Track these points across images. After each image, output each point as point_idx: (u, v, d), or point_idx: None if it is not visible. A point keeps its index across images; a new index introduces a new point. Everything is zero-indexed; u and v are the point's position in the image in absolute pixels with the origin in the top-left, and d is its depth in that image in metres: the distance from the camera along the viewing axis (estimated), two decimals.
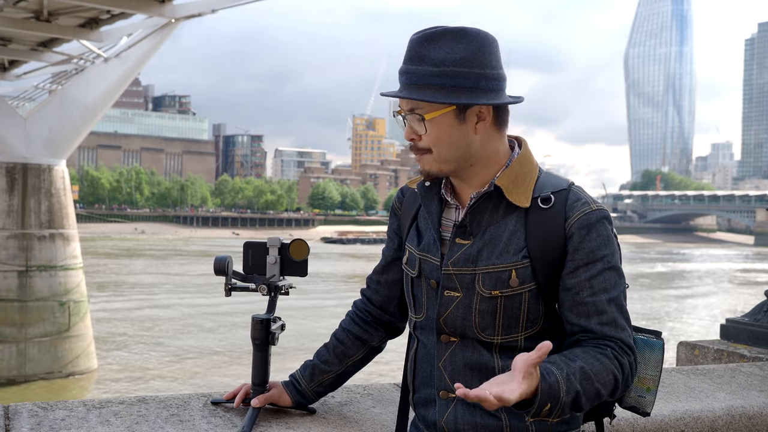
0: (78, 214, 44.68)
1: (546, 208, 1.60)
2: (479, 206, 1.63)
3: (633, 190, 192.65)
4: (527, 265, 1.59)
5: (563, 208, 1.60)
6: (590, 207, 1.60)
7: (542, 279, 1.60)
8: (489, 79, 1.56)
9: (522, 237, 1.60)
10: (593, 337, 1.56)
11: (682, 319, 32.70)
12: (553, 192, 1.62)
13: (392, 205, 1.88)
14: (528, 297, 1.61)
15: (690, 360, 3.52)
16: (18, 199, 19.69)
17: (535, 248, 1.59)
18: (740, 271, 66.18)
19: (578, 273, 1.58)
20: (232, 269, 1.86)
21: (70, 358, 19.86)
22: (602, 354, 1.51)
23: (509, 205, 1.62)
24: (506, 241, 1.60)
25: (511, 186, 1.61)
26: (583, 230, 1.58)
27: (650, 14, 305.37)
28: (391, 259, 1.87)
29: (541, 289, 1.61)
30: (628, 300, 1.65)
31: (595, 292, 1.57)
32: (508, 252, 1.60)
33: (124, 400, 1.97)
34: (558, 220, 1.59)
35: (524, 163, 1.65)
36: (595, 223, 1.59)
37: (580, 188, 1.64)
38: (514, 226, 1.61)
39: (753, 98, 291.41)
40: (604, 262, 1.58)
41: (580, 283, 1.58)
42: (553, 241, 1.59)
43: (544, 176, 1.66)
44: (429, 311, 1.70)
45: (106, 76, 20.84)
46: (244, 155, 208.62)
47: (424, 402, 1.73)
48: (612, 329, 1.56)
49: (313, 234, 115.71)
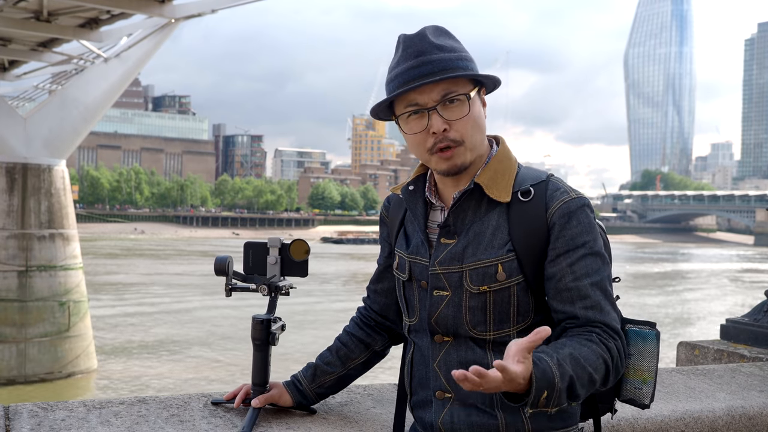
0: (78, 214, 44.69)
1: (526, 200, 1.62)
2: (462, 205, 1.64)
3: (633, 190, 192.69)
4: (513, 258, 1.60)
5: (543, 199, 1.61)
6: (569, 195, 1.61)
7: (529, 271, 1.61)
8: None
9: (505, 231, 1.61)
10: (578, 323, 1.56)
11: (682, 319, 32.70)
12: (532, 184, 1.63)
13: (380, 215, 1.89)
14: (516, 290, 1.61)
15: (690, 360, 3.52)
16: (18, 199, 19.68)
17: (519, 241, 1.60)
18: (740, 270, 66.17)
19: (559, 260, 1.59)
20: (233, 269, 1.86)
21: (69, 358, 19.85)
22: (588, 340, 1.51)
23: (491, 202, 1.64)
24: (490, 236, 1.62)
25: (490, 182, 1.63)
26: (563, 218, 1.59)
27: (650, 14, 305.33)
28: (384, 267, 1.89)
29: (528, 281, 1.62)
30: (627, 300, 1.65)
31: (577, 278, 1.57)
32: (492, 247, 1.61)
33: (125, 401, 1.97)
34: (539, 211, 1.60)
35: (503, 160, 1.67)
36: (575, 211, 1.60)
37: (558, 179, 1.66)
38: (497, 221, 1.62)
39: (753, 98, 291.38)
40: (586, 248, 1.59)
41: (562, 270, 1.58)
42: (536, 232, 1.60)
43: (523, 170, 1.68)
44: (421, 312, 1.71)
45: (106, 77, 20.85)
46: (244, 155, 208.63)
47: (421, 404, 1.73)
48: (596, 313, 1.56)
49: (312, 234, 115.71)
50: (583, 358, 1.46)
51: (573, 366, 1.43)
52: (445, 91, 1.58)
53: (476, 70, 1.62)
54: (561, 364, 1.41)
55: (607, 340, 1.53)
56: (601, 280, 1.59)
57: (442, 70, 1.56)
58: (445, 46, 1.59)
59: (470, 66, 1.60)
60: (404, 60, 1.59)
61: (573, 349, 1.46)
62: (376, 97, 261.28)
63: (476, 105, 1.61)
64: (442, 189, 1.71)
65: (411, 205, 1.73)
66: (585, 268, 1.58)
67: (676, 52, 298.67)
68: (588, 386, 1.47)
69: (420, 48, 1.58)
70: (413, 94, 1.59)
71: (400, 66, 1.60)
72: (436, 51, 1.57)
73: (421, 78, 1.56)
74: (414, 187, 1.74)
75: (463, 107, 1.59)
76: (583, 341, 1.50)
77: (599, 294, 1.57)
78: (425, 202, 1.73)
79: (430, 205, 1.73)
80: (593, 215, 1.63)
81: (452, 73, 1.56)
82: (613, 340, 1.54)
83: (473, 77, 1.61)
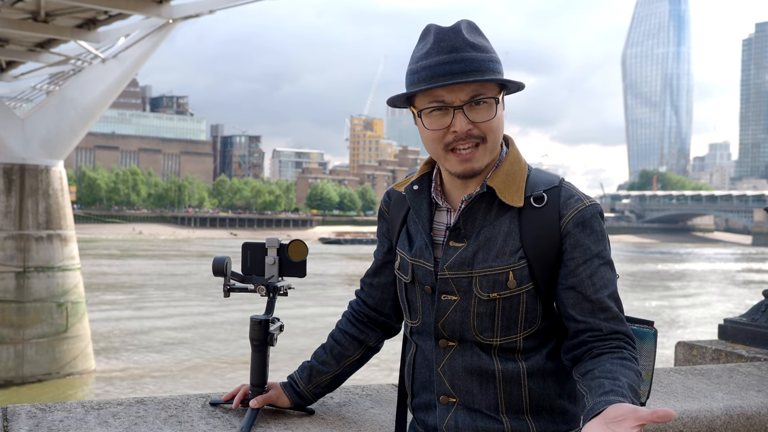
0: (75, 215, 44.61)
1: (539, 206, 1.60)
2: (472, 207, 1.62)
3: (631, 190, 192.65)
4: (524, 266, 1.59)
5: (557, 206, 1.59)
6: (583, 203, 1.60)
7: (540, 279, 1.60)
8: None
9: (517, 237, 1.59)
10: (601, 336, 1.56)
11: (680, 319, 32.72)
12: (545, 190, 1.61)
13: (380, 209, 1.87)
14: (526, 297, 1.60)
15: (688, 360, 3.53)
16: (15, 199, 19.65)
17: (531, 248, 1.58)
18: (738, 271, 66.20)
19: (579, 271, 1.58)
20: (231, 270, 1.85)
21: (67, 359, 19.83)
22: (625, 359, 1.52)
23: (502, 206, 1.61)
24: (502, 242, 1.59)
25: (503, 186, 1.60)
26: (578, 227, 1.58)
27: (648, 14, 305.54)
28: (382, 262, 1.86)
29: (539, 288, 1.60)
30: (625, 299, 1.66)
31: (597, 289, 1.57)
32: (504, 254, 1.59)
33: (123, 402, 1.96)
34: (552, 218, 1.59)
35: (514, 162, 1.65)
36: (590, 219, 1.59)
37: (570, 184, 1.64)
38: (508, 226, 1.60)
39: (750, 98, 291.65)
40: (600, 258, 1.59)
41: (582, 281, 1.57)
42: (549, 239, 1.58)
43: (534, 174, 1.65)
44: (425, 316, 1.69)
45: (104, 77, 20.81)
46: (242, 156, 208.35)
47: (423, 407, 1.72)
48: (618, 324, 1.57)
49: (310, 234, 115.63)
50: (635, 383, 1.47)
51: (632, 398, 1.42)
52: (474, 92, 1.54)
53: (503, 72, 1.58)
54: (633, 402, 1.40)
55: (634, 352, 1.55)
56: (615, 290, 1.60)
57: (474, 70, 1.52)
58: (478, 45, 1.54)
59: (500, 69, 1.57)
60: (435, 53, 1.54)
61: (625, 376, 1.46)
62: (374, 98, 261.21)
63: (501, 109, 1.58)
64: (449, 190, 1.68)
65: (415, 205, 1.70)
66: (602, 279, 1.58)
67: (674, 52, 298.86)
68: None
69: (454, 44, 1.53)
70: (440, 90, 1.54)
71: (430, 58, 1.54)
72: (470, 49, 1.53)
73: (452, 76, 1.51)
74: (419, 186, 1.70)
75: (490, 110, 1.56)
76: (625, 362, 1.51)
77: (615, 305, 1.58)
78: (430, 203, 1.69)
79: (435, 206, 1.70)
80: (604, 221, 1.63)
81: (484, 76, 1.53)
82: (635, 350, 1.57)
83: (504, 82, 1.57)
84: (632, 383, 1.45)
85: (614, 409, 1.32)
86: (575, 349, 1.58)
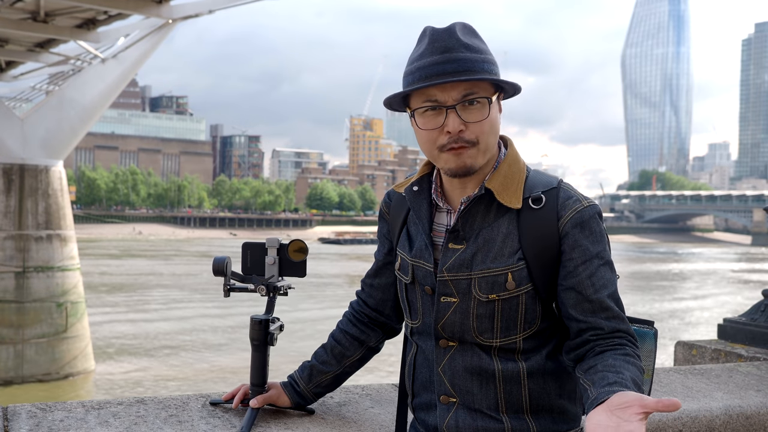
0: (75, 215, 44.61)
1: (537, 208, 1.60)
2: (471, 209, 1.62)
3: (630, 190, 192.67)
4: (523, 267, 1.59)
5: (555, 207, 1.59)
6: (582, 204, 1.60)
7: (538, 280, 1.60)
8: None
9: (516, 239, 1.59)
10: (603, 334, 1.56)
11: (680, 319, 32.73)
12: (543, 191, 1.61)
13: (380, 210, 1.87)
14: (525, 299, 1.60)
15: (687, 360, 3.53)
16: (15, 200, 19.65)
17: (529, 249, 1.59)
18: (738, 270, 66.23)
19: (578, 271, 1.58)
20: (231, 270, 1.86)
21: (67, 359, 19.82)
22: (628, 355, 1.52)
23: (500, 207, 1.61)
24: (500, 244, 1.60)
25: (501, 188, 1.61)
26: (576, 228, 1.58)
27: (647, 14, 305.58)
28: (383, 263, 1.86)
29: (537, 289, 1.61)
30: (624, 299, 1.67)
31: (597, 290, 1.57)
32: (503, 255, 1.59)
33: (123, 401, 1.97)
34: (550, 219, 1.59)
35: (512, 164, 1.65)
36: (588, 220, 1.59)
37: (569, 185, 1.64)
38: (507, 228, 1.60)
39: (750, 98, 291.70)
40: (600, 258, 1.59)
41: (582, 282, 1.58)
42: (547, 240, 1.59)
43: (532, 175, 1.65)
44: (425, 317, 1.69)
45: (104, 77, 20.81)
46: (242, 156, 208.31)
47: (424, 406, 1.73)
48: (619, 323, 1.57)
49: (310, 234, 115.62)
50: (639, 378, 1.47)
51: (636, 390, 1.41)
52: (466, 91, 1.55)
53: (499, 74, 1.58)
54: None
55: (636, 349, 1.55)
56: (615, 290, 1.60)
57: (466, 70, 1.53)
58: (472, 46, 1.55)
59: (494, 70, 1.57)
60: (429, 54, 1.55)
61: (628, 371, 1.46)
62: (373, 98, 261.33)
63: (495, 109, 1.58)
64: (449, 191, 1.68)
65: (415, 206, 1.70)
66: (602, 279, 1.58)
67: (674, 52, 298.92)
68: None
69: (447, 44, 1.54)
70: (433, 90, 1.55)
71: (423, 59, 1.56)
72: (463, 50, 1.54)
73: (444, 75, 1.53)
74: (419, 187, 1.71)
75: (482, 110, 1.56)
76: (628, 358, 1.51)
77: (615, 304, 1.58)
78: (430, 204, 1.70)
79: (435, 207, 1.70)
80: (602, 222, 1.63)
81: (476, 75, 1.53)
82: (637, 347, 1.57)
83: (496, 82, 1.58)
84: (635, 378, 1.45)
85: (619, 396, 1.31)
86: (577, 348, 1.58)
